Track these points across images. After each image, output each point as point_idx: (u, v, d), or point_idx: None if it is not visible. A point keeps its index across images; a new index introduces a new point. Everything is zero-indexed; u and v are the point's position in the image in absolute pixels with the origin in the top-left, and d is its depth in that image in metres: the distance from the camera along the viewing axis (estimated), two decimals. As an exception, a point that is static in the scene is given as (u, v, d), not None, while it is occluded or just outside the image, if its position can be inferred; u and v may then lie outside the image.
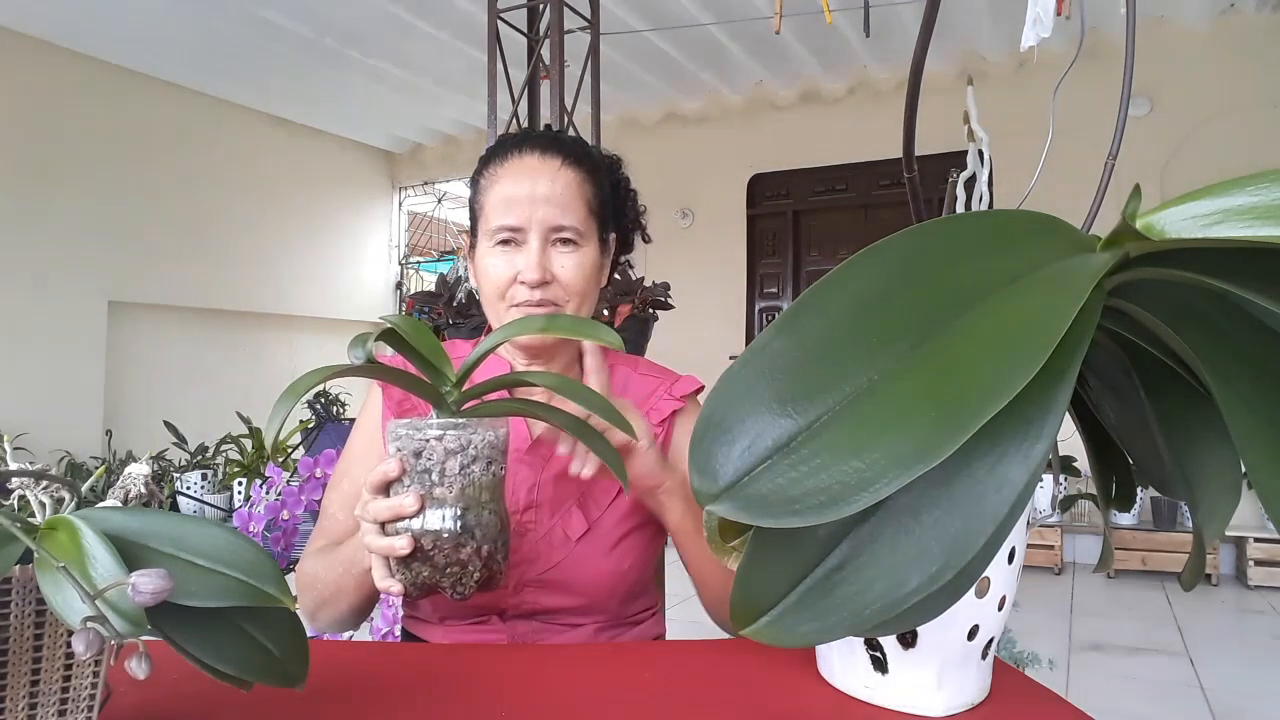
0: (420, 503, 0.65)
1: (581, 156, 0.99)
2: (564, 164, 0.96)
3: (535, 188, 0.94)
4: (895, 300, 0.42)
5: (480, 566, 0.66)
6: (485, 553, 0.66)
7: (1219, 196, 0.40)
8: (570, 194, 0.95)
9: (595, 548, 0.94)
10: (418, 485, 0.66)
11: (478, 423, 0.67)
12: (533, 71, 3.58)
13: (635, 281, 3.01)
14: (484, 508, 0.67)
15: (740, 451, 0.40)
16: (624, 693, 0.70)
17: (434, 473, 0.66)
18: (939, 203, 1.37)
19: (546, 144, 0.98)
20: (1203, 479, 0.49)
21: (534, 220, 0.93)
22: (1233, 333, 0.44)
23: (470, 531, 0.66)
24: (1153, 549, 4.34)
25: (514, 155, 0.97)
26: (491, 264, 0.95)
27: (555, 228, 0.94)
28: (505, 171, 0.96)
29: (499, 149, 0.99)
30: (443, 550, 0.65)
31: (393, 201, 7.52)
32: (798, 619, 0.44)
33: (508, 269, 0.94)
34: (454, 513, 0.65)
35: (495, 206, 0.95)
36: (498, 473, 0.68)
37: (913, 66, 0.80)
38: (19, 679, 0.48)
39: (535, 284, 0.92)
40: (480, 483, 0.66)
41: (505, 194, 0.94)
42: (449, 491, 0.65)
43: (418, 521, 0.65)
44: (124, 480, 0.59)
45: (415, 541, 0.65)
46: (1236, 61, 4.59)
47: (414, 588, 0.67)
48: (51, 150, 4.95)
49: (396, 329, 0.65)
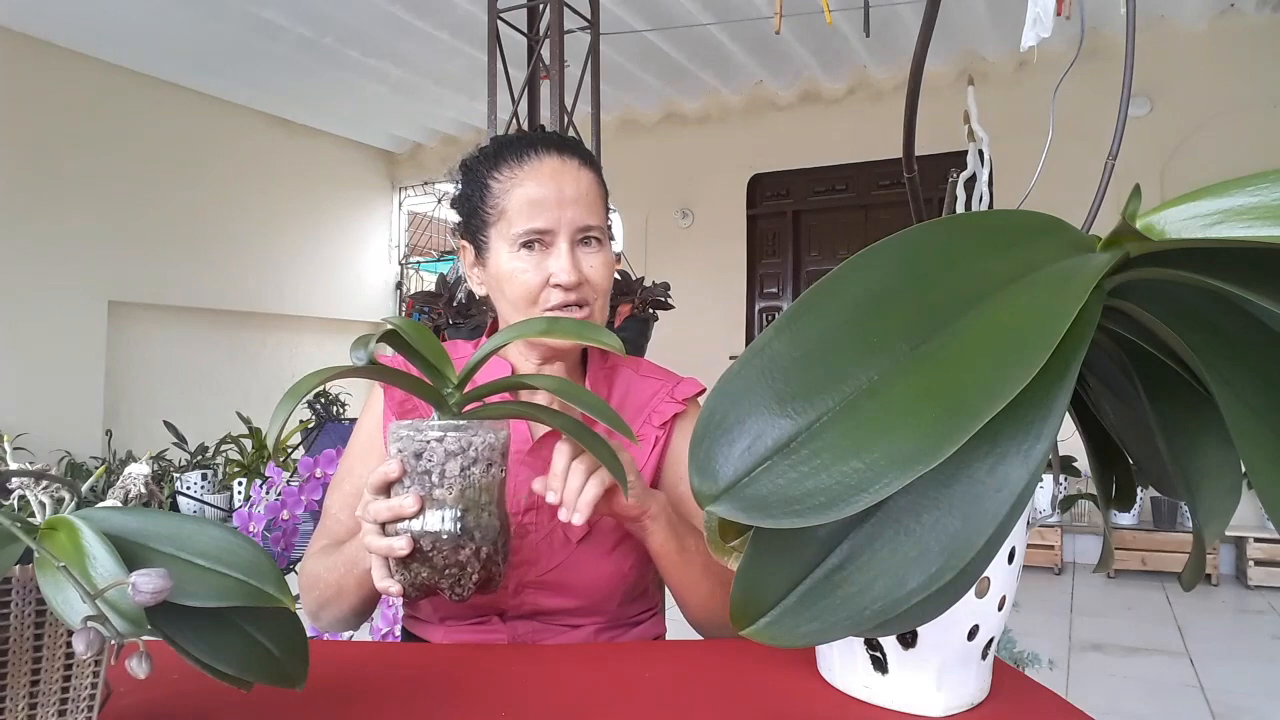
0: (420, 504, 0.65)
1: (589, 156, 1.00)
2: (581, 164, 0.97)
3: (562, 190, 0.94)
4: (895, 300, 0.42)
5: (479, 568, 0.66)
6: (484, 554, 0.66)
7: (1219, 196, 0.40)
8: (593, 194, 0.96)
9: (596, 549, 0.94)
10: (418, 487, 0.66)
11: (479, 425, 0.67)
12: (533, 71, 3.58)
13: (635, 281, 3.01)
14: (484, 510, 0.67)
15: (740, 452, 0.40)
16: (624, 693, 0.70)
17: (434, 474, 0.66)
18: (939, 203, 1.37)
19: (560, 145, 0.98)
20: (1203, 479, 0.49)
21: (563, 222, 0.93)
22: (1233, 333, 0.44)
23: (469, 533, 0.66)
24: (1153, 549, 4.34)
25: (532, 157, 0.96)
26: (519, 269, 0.94)
27: (583, 228, 0.94)
28: (527, 174, 0.95)
29: (512, 151, 0.98)
30: (442, 551, 0.65)
31: (393, 201, 7.52)
32: (798, 619, 0.44)
33: (538, 273, 0.93)
34: (453, 514, 0.65)
35: (520, 210, 0.94)
36: (498, 475, 0.68)
37: (913, 66, 0.80)
38: (19, 679, 0.48)
39: (572, 286, 0.92)
40: (480, 485, 0.66)
41: (531, 196, 0.93)
42: (449, 493, 0.66)
43: (417, 523, 0.66)
44: (124, 480, 0.59)
45: (414, 542, 0.65)
46: (1236, 61, 4.59)
47: (413, 588, 0.67)
48: (51, 150, 4.95)
49: (399, 330, 0.65)
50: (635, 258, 5.51)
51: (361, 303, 7.17)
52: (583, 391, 0.69)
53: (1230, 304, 0.45)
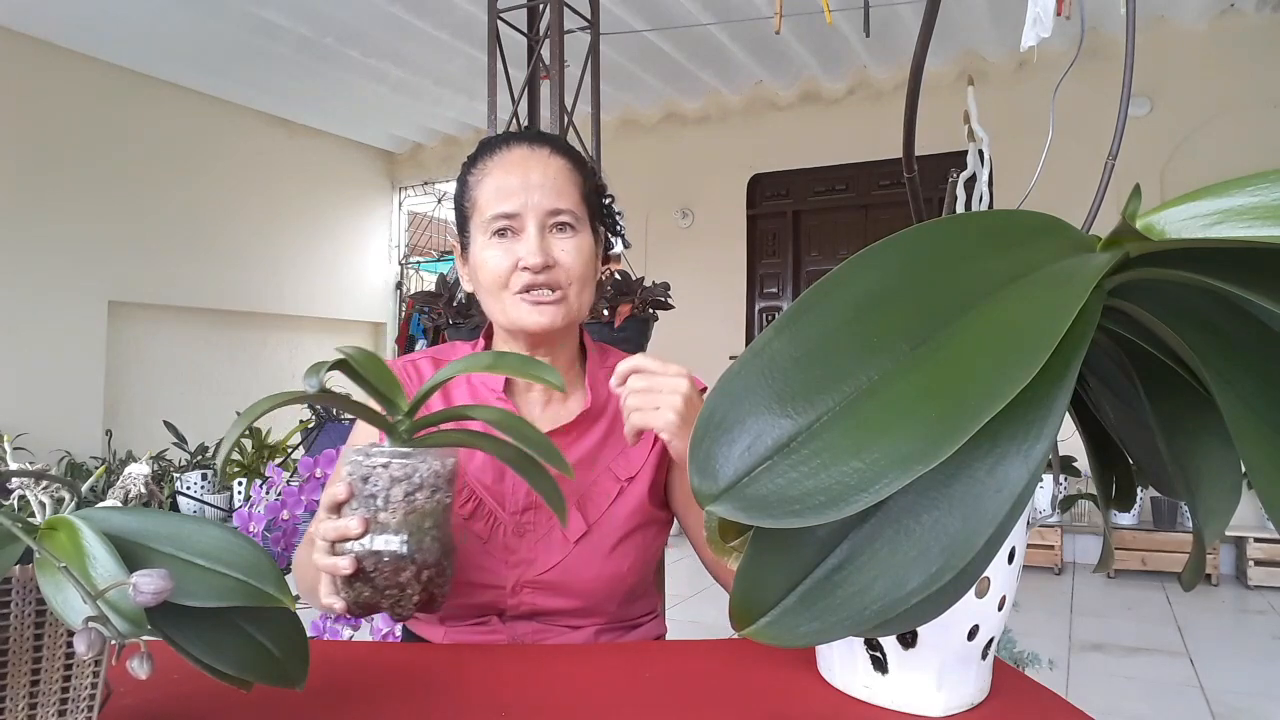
0: (364, 526, 0.68)
1: (567, 148, 1.01)
2: (553, 152, 0.98)
3: (528, 175, 0.95)
4: (895, 300, 0.42)
5: (419, 590, 0.69)
6: (425, 577, 0.69)
7: (1219, 196, 0.40)
8: (563, 179, 0.97)
9: (594, 549, 0.94)
10: (364, 509, 0.69)
11: (426, 452, 0.69)
12: (533, 71, 3.58)
13: (635, 281, 3.01)
14: (426, 534, 0.69)
15: (740, 452, 0.40)
16: (624, 693, 0.70)
17: (379, 499, 0.68)
18: (939, 203, 1.37)
19: (534, 137, 1.00)
20: (1203, 479, 0.49)
21: (530, 205, 0.94)
22: (1233, 333, 0.44)
23: (410, 556, 0.68)
24: (1153, 549, 4.34)
25: (501, 149, 0.98)
26: (489, 255, 0.95)
27: (552, 211, 0.95)
28: (495, 164, 0.97)
29: (484, 149, 1.00)
30: (383, 573, 0.68)
31: (393, 201, 7.52)
32: (798, 619, 0.44)
33: (507, 258, 0.94)
34: (396, 538, 0.68)
35: (489, 198, 0.95)
36: (443, 500, 0.70)
37: (913, 66, 0.80)
38: (19, 679, 0.48)
39: (539, 268, 0.92)
40: (423, 510, 0.69)
41: (498, 184, 0.95)
42: (392, 517, 0.68)
43: (361, 544, 0.68)
44: (124, 480, 0.59)
45: (358, 563, 0.68)
46: (1236, 61, 4.59)
47: (356, 606, 0.70)
48: (52, 150, 4.95)
49: (349, 360, 0.68)
50: (635, 258, 5.51)
51: (361, 303, 7.17)
52: (522, 424, 0.70)
53: (1230, 304, 0.45)
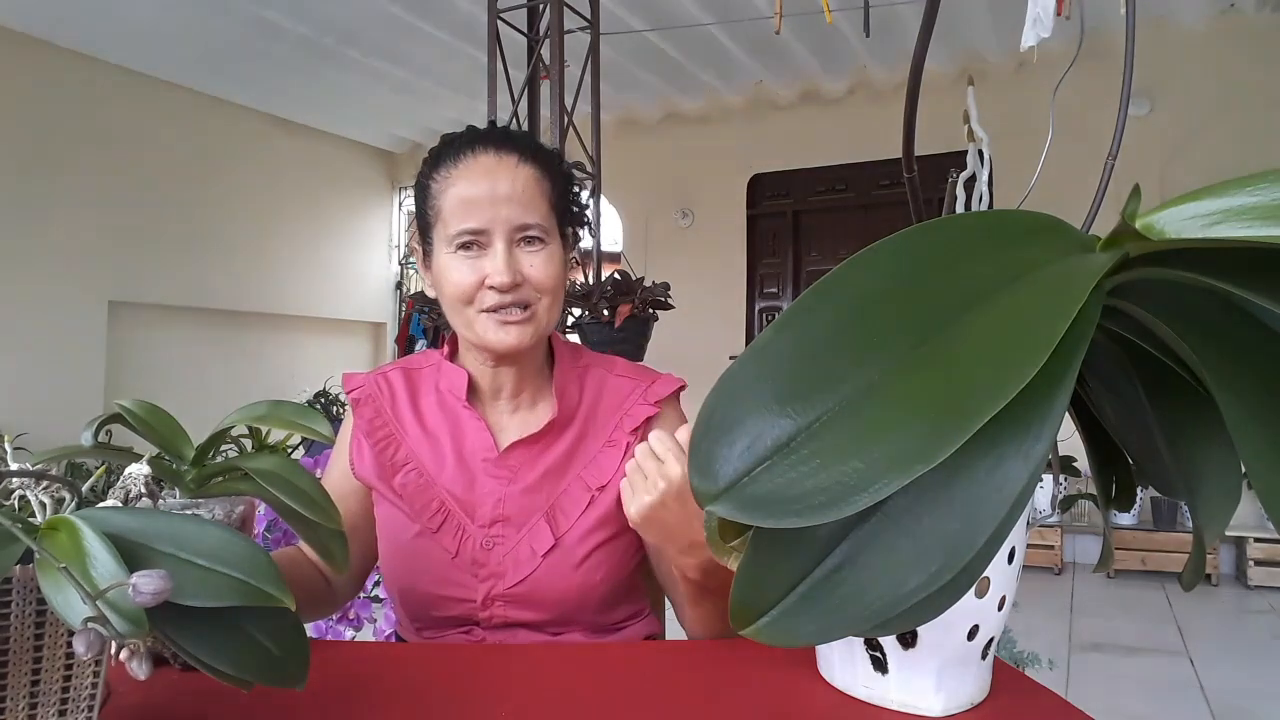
0: None
1: (536, 150, 0.95)
2: (521, 160, 0.93)
3: (496, 187, 0.90)
4: (895, 300, 0.42)
5: None
6: None
7: (1219, 196, 0.40)
8: (531, 191, 0.92)
9: (563, 562, 0.92)
10: None
11: (215, 501, 0.69)
12: (533, 71, 3.58)
13: (635, 281, 3.01)
14: None
15: (740, 452, 0.40)
16: (624, 693, 0.70)
17: None
18: (939, 203, 1.37)
19: (500, 141, 0.94)
20: (1203, 480, 0.49)
21: (497, 221, 0.90)
22: (1233, 333, 0.44)
23: None
24: (1153, 549, 4.34)
25: (467, 155, 0.93)
26: (454, 270, 0.91)
27: (520, 227, 0.91)
28: (460, 173, 0.92)
29: (447, 150, 0.95)
30: None
31: (393, 201, 7.52)
32: (798, 619, 0.44)
33: (472, 274, 0.90)
34: None
35: (453, 210, 0.91)
36: None
37: (913, 66, 0.80)
38: (19, 679, 0.48)
39: (507, 287, 0.89)
40: None
41: (463, 196, 0.91)
42: None
43: None
44: (124, 480, 0.59)
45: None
46: (1236, 62, 4.59)
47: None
48: (52, 150, 4.95)
49: (127, 414, 0.68)
50: (635, 258, 5.51)
51: (361, 303, 7.17)
52: (296, 472, 0.66)
53: (1230, 304, 0.45)
